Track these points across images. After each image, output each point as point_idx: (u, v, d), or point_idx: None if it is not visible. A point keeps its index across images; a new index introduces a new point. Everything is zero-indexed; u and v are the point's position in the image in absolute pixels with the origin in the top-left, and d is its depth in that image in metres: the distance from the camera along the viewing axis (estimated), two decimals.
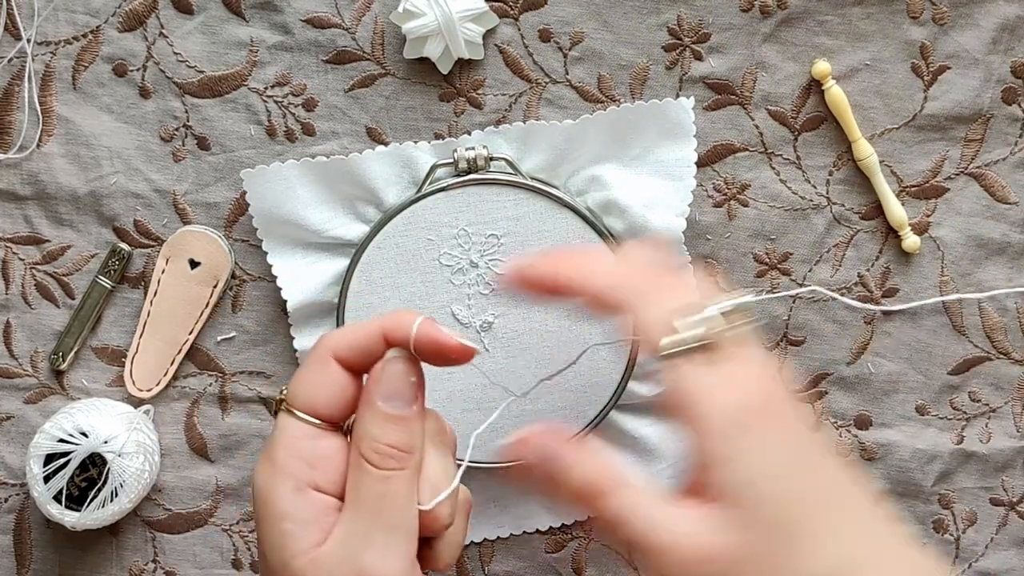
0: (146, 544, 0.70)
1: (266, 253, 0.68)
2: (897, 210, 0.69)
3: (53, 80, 0.68)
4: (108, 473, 0.65)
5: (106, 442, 0.65)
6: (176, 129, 0.68)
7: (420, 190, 0.67)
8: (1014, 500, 0.72)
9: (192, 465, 0.70)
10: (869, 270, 0.70)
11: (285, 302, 0.68)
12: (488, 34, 0.67)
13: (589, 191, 0.67)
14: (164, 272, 0.68)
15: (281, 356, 0.69)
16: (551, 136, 0.67)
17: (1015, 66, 0.69)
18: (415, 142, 0.68)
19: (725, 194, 0.69)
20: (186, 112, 0.68)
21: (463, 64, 0.68)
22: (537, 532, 0.71)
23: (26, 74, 0.68)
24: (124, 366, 0.69)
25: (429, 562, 0.48)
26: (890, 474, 0.71)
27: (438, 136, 0.68)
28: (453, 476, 0.49)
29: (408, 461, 0.46)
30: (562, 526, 0.71)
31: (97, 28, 0.68)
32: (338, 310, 0.67)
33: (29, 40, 0.68)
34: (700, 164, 0.68)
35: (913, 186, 0.70)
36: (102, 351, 0.70)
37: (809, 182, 0.69)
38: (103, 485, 0.65)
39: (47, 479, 0.65)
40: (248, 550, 0.70)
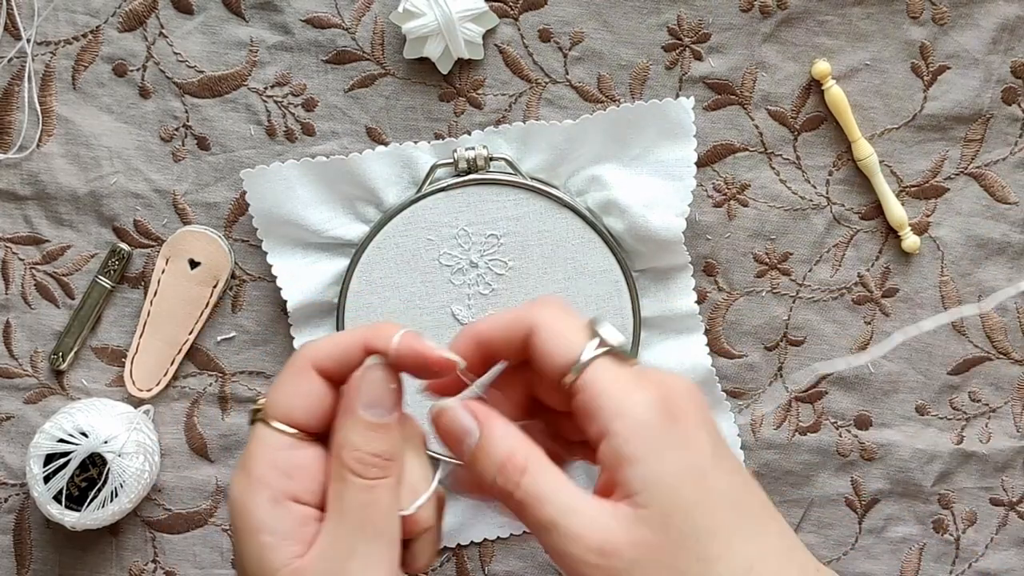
0: (146, 544, 0.70)
1: (266, 253, 0.68)
2: (897, 210, 0.69)
3: (53, 80, 0.68)
4: (108, 473, 0.65)
5: (106, 442, 0.65)
6: (176, 129, 0.68)
7: (420, 190, 0.67)
8: (1014, 500, 0.72)
9: (192, 465, 0.70)
10: (869, 270, 0.70)
11: (285, 302, 0.68)
12: (488, 34, 0.67)
13: (589, 191, 0.67)
14: (164, 272, 0.68)
15: (281, 356, 0.69)
16: (551, 136, 0.67)
17: (1015, 66, 0.69)
18: (415, 142, 0.68)
19: (725, 194, 0.69)
20: (186, 112, 0.68)
21: (463, 64, 0.68)
22: None
23: (26, 74, 0.68)
24: (124, 366, 0.69)
25: (407, 564, 0.48)
26: (890, 474, 0.71)
27: (438, 136, 0.68)
28: (430, 478, 0.48)
29: (391, 469, 0.46)
30: None
31: (97, 28, 0.68)
32: (338, 310, 0.67)
33: (29, 40, 0.68)
34: (700, 164, 0.68)
35: (913, 186, 0.70)
36: (102, 351, 0.70)
37: (809, 182, 0.69)
38: (103, 485, 0.65)
39: (47, 479, 0.65)
40: None
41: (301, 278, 0.67)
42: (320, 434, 0.48)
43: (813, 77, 0.68)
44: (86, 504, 0.65)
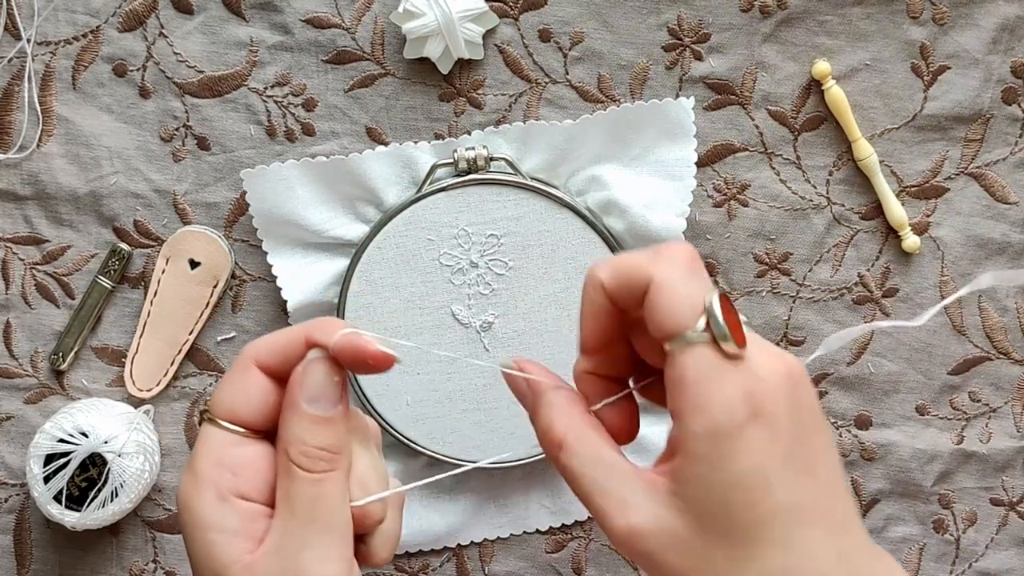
0: (146, 544, 0.70)
1: (266, 253, 0.68)
2: (897, 210, 0.69)
3: (53, 80, 0.68)
4: (108, 473, 0.65)
5: (106, 442, 0.65)
6: (176, 129, 0.68)
7: (420, 190, 0.67)
8: (1014, 500, 0.72)
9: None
10: (869, 270, 0.70)
11: (285, 302, 0.68)
12: (488, 34, 0.67)
13: (589, 191, 0.67)
14: (164, 272, 0.68)
15: None
16: (551, 136, 0.67)
17: (1015, 66, 0.69)
18: (415, 142, 0.68)
19: (725, 194, 0.69)
20: (186, 112, 0.68)
21: (463, 64, 0.68)
22: (537, 532, 0.71)
23: (26, 74, 0.68)
24: (124, 366, 0.69)
25: (366, 559, 0.48)
26: (890, 474, 0.71)
27: (438, 136, 0.68)
28: (380, 471, 0.48)
29: (338, 462, 0.46)
30: (562, 526, 0.71)
31: (97, 28, 0.68)
32: (338, 310, 0.67)
33: (29, 40, 0.68)
34: (700, 164, 0.68)
35: (913, 186, 0.70)
36: (102, 351, 0.70)
37: (809, 182, 0.69)
38: (103, 485, 0.65)
39: (47, 479, 0.65)
40: None
41: (301, 278, 0.67)
42: (268, 431, 0.48)
43: (813, 77, 0.68)
44: (86, 504, 0.65)
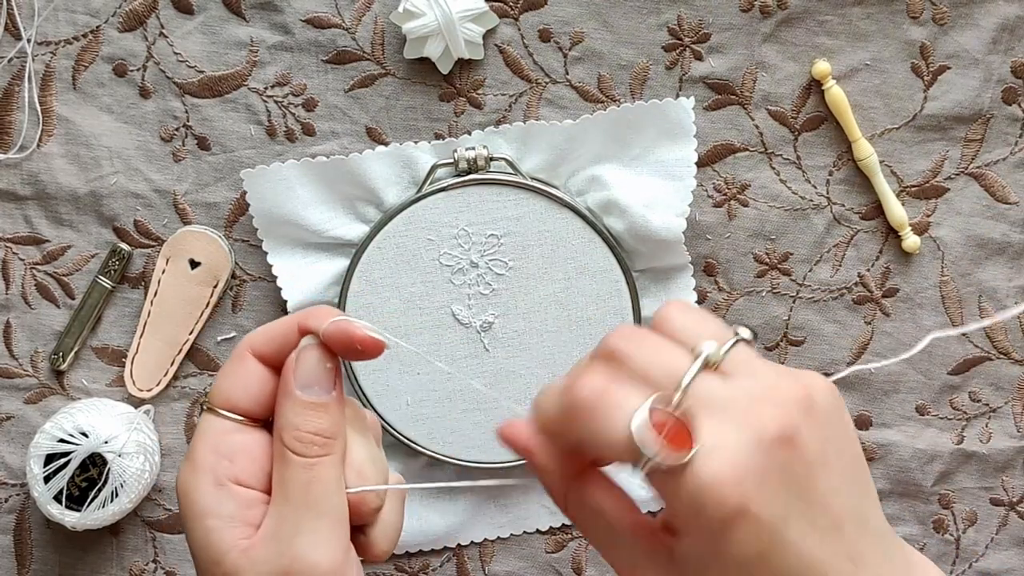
0: (146, 544, 0.70)
1: (266, 253, 0.68)
2: (897, 210, 0.69)
3: (53, 80, 0.68)
4: (108, 473, 0.65)
5: (106, 442, 0.65)
6: (176, 129, 0.68)
7: (420, 190, 0.67)
8: (1014, 500, 0.72)
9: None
10: (869, 270, 0.70)
11: (285, 302, 0.68)
12: (488, 34, 0.67)
13: (589, 191, 0.67)
14: (164, 272, 0.68)
15: None
16: (551, 136, 0.67)
17: (1015, 66, 0.69)
18: (415, 142, 0.68)
19: (725, 194, 0.69)
20: (186, 112, 0.68)
21: (463, 64, 0.68)
22: (537, 532, 0.71)
23: (26, 74, 0.68)
24: (124, 366, 0.69)
25: (365, 550, 0.48)
26: (890, 474, 0.71)
27: (438, 136, 0.68)
28: (379, 462, 0.49)
29: (332, 447, 0.46)
30: (562, 526, 0.71)
31: (97, 28, 0.68)
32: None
33: (29, 40, 0.68)
34: (700, 164, 0.68)
35: (913, 186, 0.70)
36: (102, 351, 0.70)
37: (809, 182, 0.69)
38: (103, 485, 0.65)
39: (47, 479, 0.65)
40: None
41: (301, 278, 0.67)
42: (266, 420, 0.48)
43: (813, 77, 0.68)
44: (86, 504, 0.65)
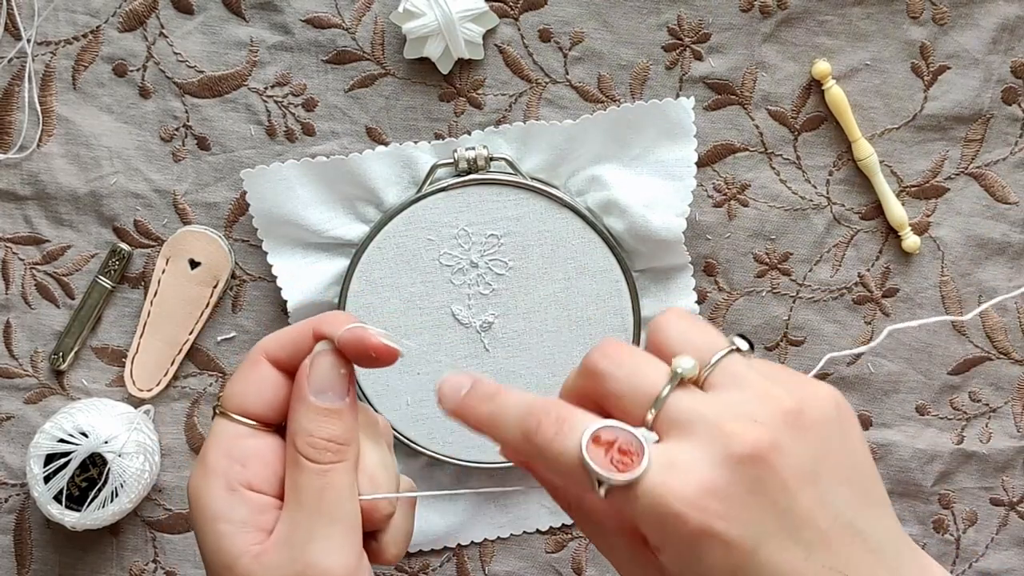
0: (146, 544, 0.70)
1: (266, 253, 0.68)
2: (897, 210, 0.69)
3: (53, 80, 0.68)
4: (108, 473, 0.65)
5: (106, 442, 0.65)
6: (176, 129, 0.68)
7: (420, 190, 0.67)
8: (1014, 500, 0.72)
9: (192, 465, 0.70)
10: (869, 270, 0.70)
11: (285, 302, 0.68)
12: (488, 34, 0.67)
13: (589, 191, 0.67)
14: (164, 272, 0.68)
15: None
16: (551, 136, 0.67)
17: (1015, 66, 0.69)
18: (415, 142, 0.68)
19: (725, 194, 0.69)
20: (186, 112, 0.68)
21: (463, 64, 0.68)
22: (537, 532, 0.71)
23: (26, 74, 0.68)
24: (124, 366, 0.69)
25: (377, 556, 0.48)
26: (890, 474, 0.71)
27: (438, 136, 0.68)
28: (390, 468, 0.49)
29: (345, 453, 0.46)
30: (562, 526, 0.71)
31: (97, 28, 0.68)
32: (338, 310, 0.67)
33: (29, 40, 0.68)
34: (700, 164, 0.68)
35: (913, 186, 0.70)
36: (102, 351, 0.70)
37: (809, 182, 0.69)
38: (103, 485, 0.65)
39: (47, 479, 0.65)
40: None
41: (301, 278, 0.67)
42: (278, 424, 0.48)
43: (813, 77, 0.68)
44: (86, 504, 0.65)
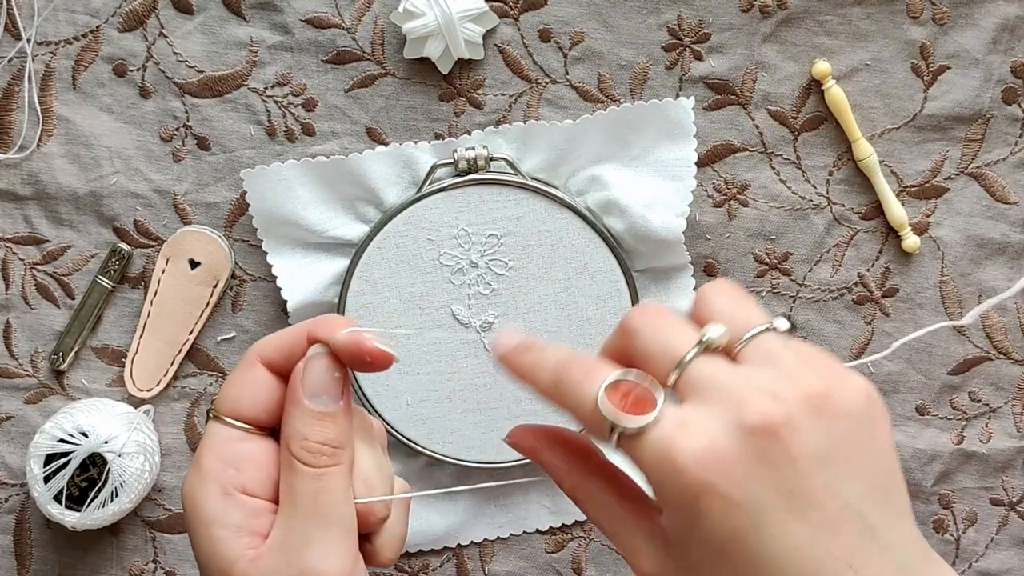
0: (146, 544, 0.70)
1: (266, 253, 0.68)
2: (897, 210, 0.69)
3: (53, 80, 0.68)
4: (108, 473, 0.65)
5: (106, 442, 0.65)
6: (176, 129, 0.68)
7: (420, 190, 0.67)
8: (1014, 500, 0.72)
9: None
10: (869, 270, 0.70)
11: (285, 302, 0.68)
12: (488, 34, 0.67)
13: (589, 191, 0.67)
14: (164, 272, 0.68)
15: None
16: (551, 136, 0.67)
17: (1015, 66, 0.69)
18: (415, 142, 0.68)
19: (725, 194, 0.69)
20: (186, 112, 0.68)
21: (463, 64, 0.68)
22: (537, 532, 0.71)
23: (26, 74, 0.68)
24: (124, 366, 0.69)
25: (371, 558, 0.48)
26: None
27: (438, 136, 0.68)
28: (384, 470, 0.48)
29: (340, 457, 0.46)
30: (562, 526, 0.71)
31: (97, 28, 0.68)
32: (338, 310, 0.67)
33: (29, 40, 0.68)
34: (700, 164, 0.68)
35: (913, 186, 0.70)
36: (102, 351, 0.70)
37: (809, 182, 0.69)
38: (103, 485, 0.65)
39: (47, 479, 0.65)
40: None
41: (301, 278, 0.67)
42: (273, 428, 0.48)
43: (813, 77, 0.68)
44: (86, 504, 0.65)
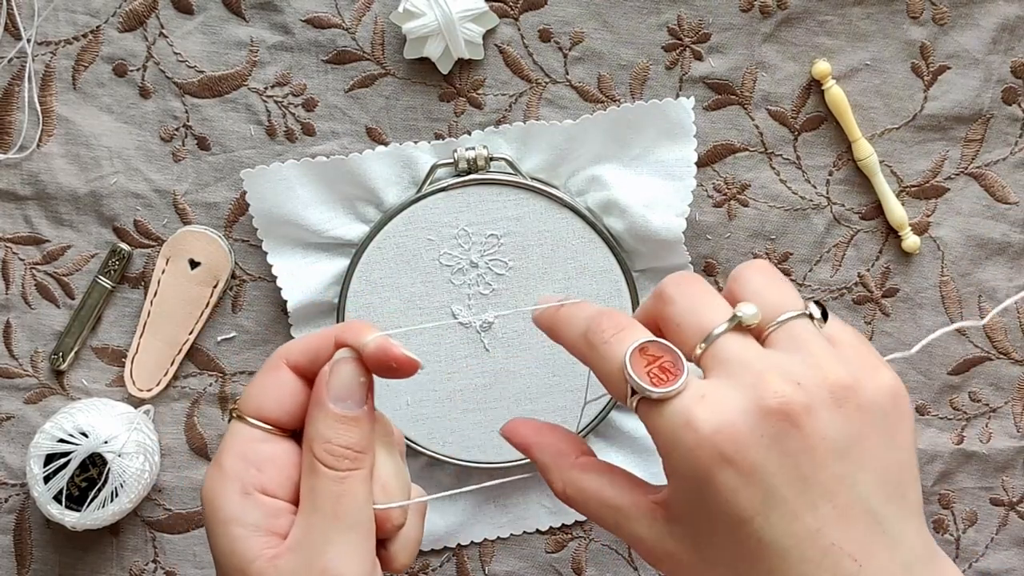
0: (146, 544, 0.70)
1: (266, 253, 0.68)
2: (897, 210, 0.69)
3: (53, 80, 0.68)
4: (108, 473, 0.65)
5: (106, 442, 0.65)
6: (176, 129, 0.68)
7: (420, 190, 0.67)
8: (1014, 500, 0.72)
9: (192, 465, 0.70)
10: (869, 270, 0.70)
11: (285, 302, 0.68)
12: (488, 34, 0.67)
13: (589, 191, 0.67)
14: (164, 272, 0.68)
15: None
16: (551, 136, 0.67)
17: (1015, 66, 0.69)
18: (415, 142, 0.68)
19: (725, 194, 0.69)
20: (186, 112, 0.68)
21: (463, 64, 0.68)
22: (537, 532, 0.71)
23: (26, 74, 0.68)
24: (124, 366, 0.69)
25: (386, 563, 0.48)
26: None
27: (438, 136, 0.68)
28: (403, 478, 0.49)
29: (362, 461, 0.46)
30: (562, 526, 0.71)
31: (97, 28, 0.68)
32: (338, 310, 0.67)
33: (29, 40, 0.68)
34: (700, 164, 0.68)
35: (913, 186, 0.70)
36: (102, 351, 0.70)
37: (809, 182, 0.69)
38: (103, 485, 0.65)
39: (47, 479, 0.65)
40: None
41: (301, 278, 0.67)
42: (295, 430, 0.48)
43: (813, 77, 0.68)
44: (86, 504, 0.65)
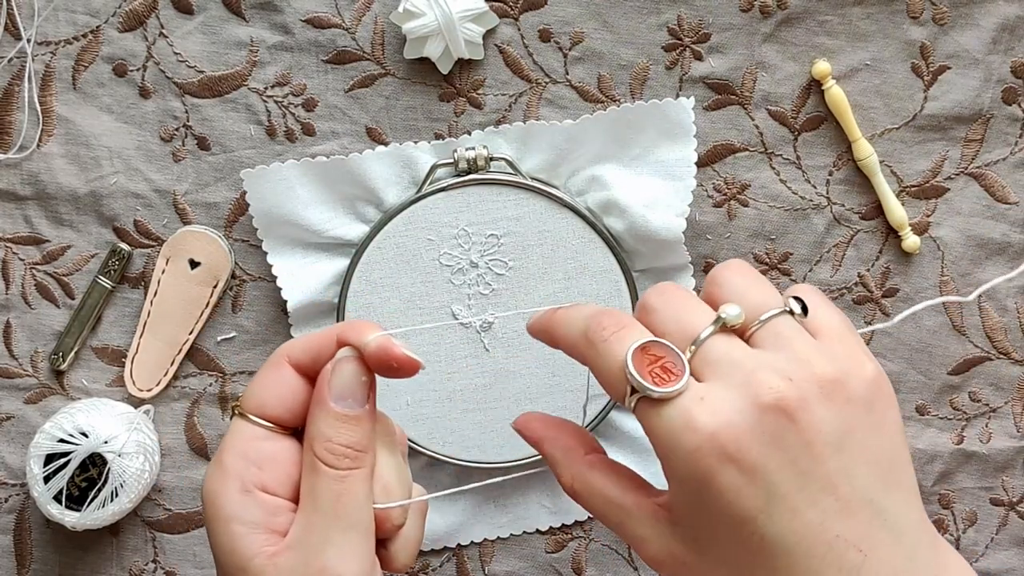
0: (146, 544, 0.70)
1: (266, 253, 0.68)
2: (897, 210, 0.69)
3: (53, 80, 0.68)
4: (108, 473, 0.65)
5: (106, 442, 0.65)
6: (176, 129, 0.68)
7: (420, 190, 0.67)
8: (1014, 500, 0.72)
9: (192, 465, 0.70)
10: (869, 270, 0.70)
11: (285, 302, 0.68)
12: (488, 34, 0.67)
13: (589, 191, 0.67)
14: (164, 272, 0.68)
15: None
16: (551, 136, 0.67)
17: (1015, 66, 0.69)
18: (415, 142, 0.68)
19: (725, 194, 0.69)
20: (186, 112, 0.68)
21: (463, 64, 0.68)
22: (537, 532, 0.71)
23: (26, 74, 0.68)
24: (124, 366, 0.69)
25: (386, 563, 0.48)
26: None
27: (438, 136, 0.68)
28: (404, 478, 0.49)
29: (363, 460, 0.46)
30: (562, 526, 0.71)
31: (97, 28, 0.68)
32: (338, 310, 0.67)
33: (29, 40, 0.68)
34: (700, 164, 0.68)
35: (913, 186, 0.70)
36: (102, 351, 0.70)
37: (809, 182, 0.69)
38: (103, 485, 0.65)
39: (47, 479, 0.65)
40: None
41: (301, 278, 0.67)
42: (296, 428, 0.48)
43: (813, 77, 0.68)
44: (86, 504, 0.65)
